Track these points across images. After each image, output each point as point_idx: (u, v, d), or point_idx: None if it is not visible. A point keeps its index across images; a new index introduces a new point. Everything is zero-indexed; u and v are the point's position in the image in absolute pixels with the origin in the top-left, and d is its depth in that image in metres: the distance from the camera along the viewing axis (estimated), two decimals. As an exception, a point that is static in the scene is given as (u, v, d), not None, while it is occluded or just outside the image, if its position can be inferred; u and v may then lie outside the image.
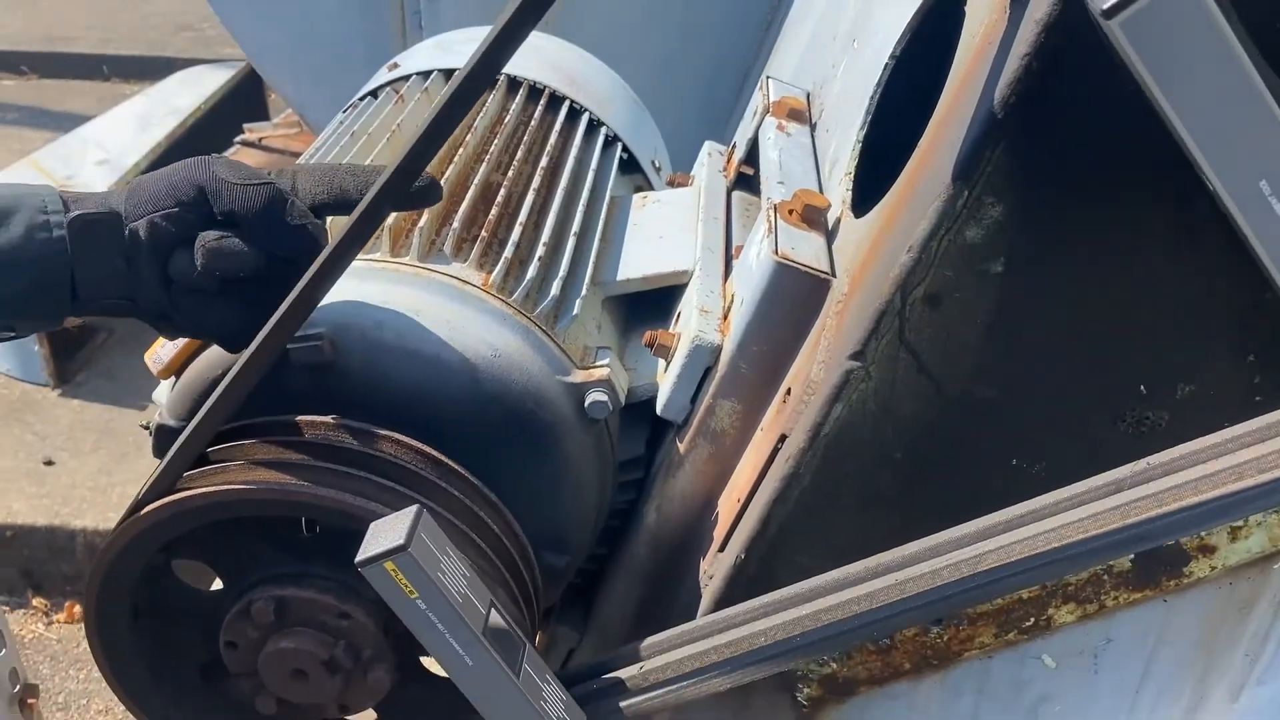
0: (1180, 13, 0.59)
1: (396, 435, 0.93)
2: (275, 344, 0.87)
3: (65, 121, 5.21)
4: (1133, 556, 0.90)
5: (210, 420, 0.89)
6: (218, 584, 1.02)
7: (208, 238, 0.88)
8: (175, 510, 0.87)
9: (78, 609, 3.09)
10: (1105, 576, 0.91)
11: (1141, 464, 0.79)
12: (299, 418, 0.93)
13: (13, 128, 5.61)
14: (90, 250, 0.87)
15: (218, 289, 0.90)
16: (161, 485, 0.89)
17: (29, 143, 5.20)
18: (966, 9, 0.92)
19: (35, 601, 3.09)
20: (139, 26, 6.66)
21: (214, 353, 1.03)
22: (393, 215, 1.08)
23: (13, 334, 0.90)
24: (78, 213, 0.87)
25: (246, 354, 0.88)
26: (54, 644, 3.00)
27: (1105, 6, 0.61)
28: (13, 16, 6.81)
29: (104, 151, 3.99)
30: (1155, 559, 0.90)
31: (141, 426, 1.11)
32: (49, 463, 3.30)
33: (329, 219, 0.98)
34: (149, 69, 5.86)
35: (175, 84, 4.58)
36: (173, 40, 6.45)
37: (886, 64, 1.08)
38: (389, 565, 0.77)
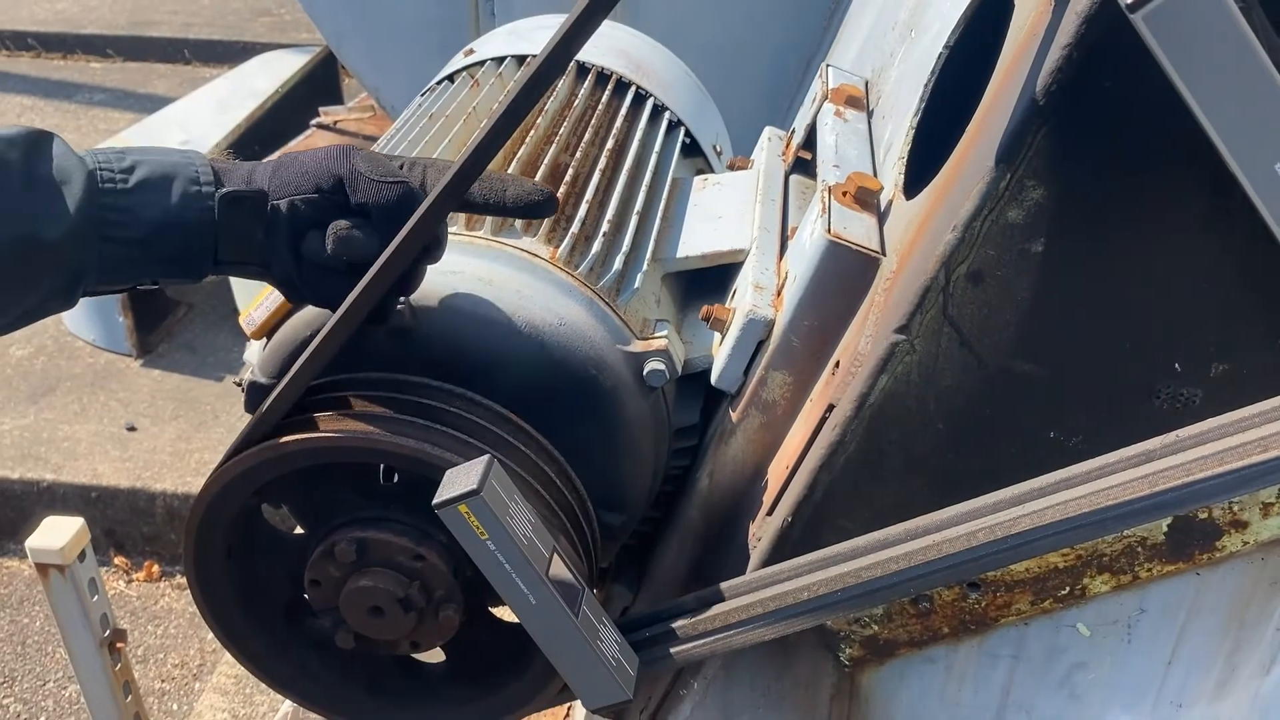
0: (1198, 6, 0.63)
1: (470, 394, 0.99)
2: (361, 309, 0.95)
3: (148, 103, 5.38)
4: (1166, 529, 0.93)
5: (301, 376, 0.96)
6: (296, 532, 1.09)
7: (340, 226, 0.95)
8: (271, 455, 0.94)
9: (156, 568, 3.21)
10: (1139, 548, 0.93)
11: (1171, 436, 0.82)
12: (382, 375, 0.99)
13: (99, 108, 5.81)
14: (235, 222, 0.96)
15: (343, 269, 0.97)
16: (257, 434, 0.96)
17: (114, 123, 5.39)
18: (1015, 2, 0.95)
19: (117, 560, 3.20)
20: (219, 11, 6.83)
21: (301, 317, 1.10)
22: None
23: (155, 287, 1.00)
24: (229, 189, 0.96)
25: (334, 318, 0.95)
26: (133, 600, 3.12)
27: (1129, 1, 0.65)
28: (99, 0, 7.03)
29: (186, 133, 4.11)
30: (1188, 532, 0.92)
31: (235, 384, 1.19)
32: (131, 428, 3.43)
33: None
34: (228, 53, 6.03)
35: (254, 68, 4.70)
36: (251, 25, 6.61)
37: (940, 53, 1.11)
38: (462, 508, 0.84)
